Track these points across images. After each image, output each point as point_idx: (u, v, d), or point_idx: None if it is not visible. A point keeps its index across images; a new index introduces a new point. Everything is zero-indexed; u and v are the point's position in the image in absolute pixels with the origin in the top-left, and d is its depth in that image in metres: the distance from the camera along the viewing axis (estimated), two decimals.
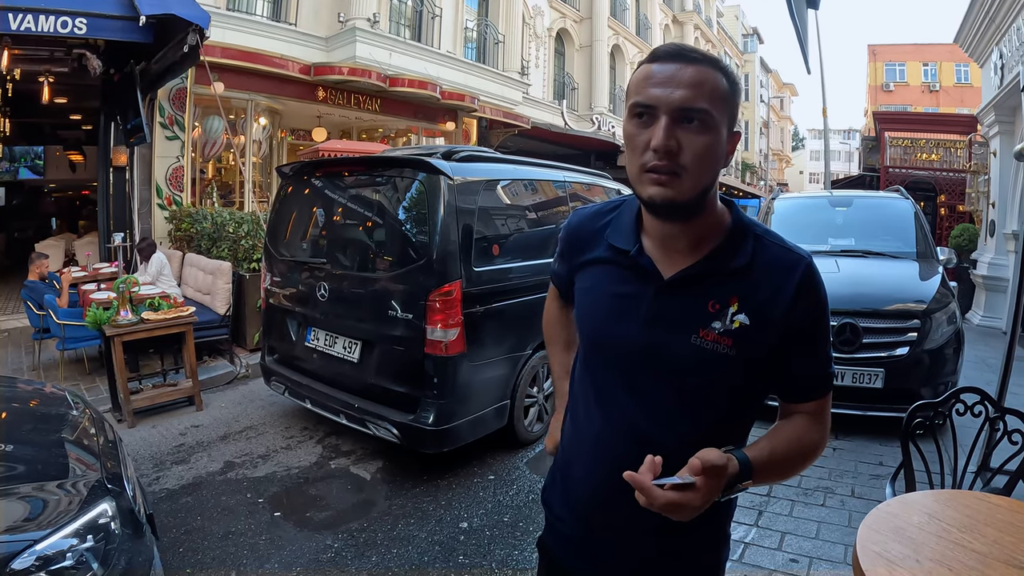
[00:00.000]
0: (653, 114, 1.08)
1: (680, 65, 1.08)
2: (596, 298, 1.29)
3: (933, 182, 14.58)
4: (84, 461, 2.43)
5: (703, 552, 1.32)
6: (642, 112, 1.10)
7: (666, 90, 1.07)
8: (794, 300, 1.15)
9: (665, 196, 1.09)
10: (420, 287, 3.97)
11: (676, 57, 1.09)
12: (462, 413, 4.10)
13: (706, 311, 1.17)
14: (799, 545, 3.40)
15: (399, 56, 12.66)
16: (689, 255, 1.19)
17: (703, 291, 1.18)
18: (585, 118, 21.19)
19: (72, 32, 6.05)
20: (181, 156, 9.83)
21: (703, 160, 1.09)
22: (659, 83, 1.08)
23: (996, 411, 2.54)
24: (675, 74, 1.08)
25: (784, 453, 1.18)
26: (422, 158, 4.18)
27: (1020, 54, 8.46)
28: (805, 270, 1.17)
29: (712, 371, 1.16)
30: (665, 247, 1.21)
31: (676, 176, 1.08)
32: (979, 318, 10.02)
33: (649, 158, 1.08)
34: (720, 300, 1.16)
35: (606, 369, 1.26)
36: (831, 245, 6.28)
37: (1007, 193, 9.88)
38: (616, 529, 1.28)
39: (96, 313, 5.12)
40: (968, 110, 20.27)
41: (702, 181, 1.11)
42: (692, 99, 1.06)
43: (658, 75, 1.09)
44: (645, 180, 1.11)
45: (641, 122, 1.10)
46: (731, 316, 1.15)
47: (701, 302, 1.17)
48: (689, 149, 1.07)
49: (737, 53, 40.24)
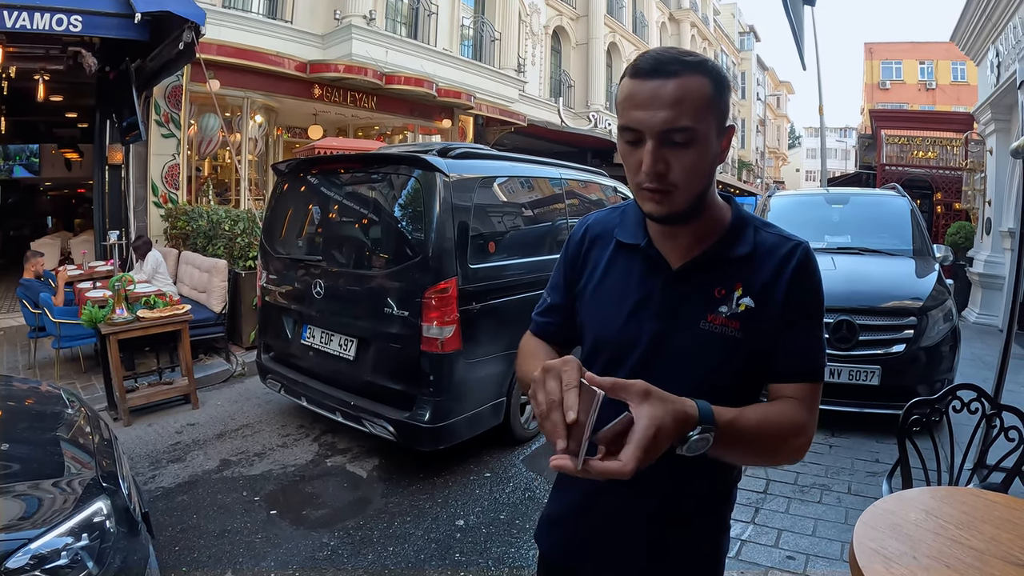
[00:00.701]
0: (639, 137, 1.10)
1: (660, 82, 1.07)
2: (606, 296, 1.31)
3: (929, 180, 14.61)
4: (79, 460, 2.42)
5: (703, 542, 1.32)
6: (628, 137, 1.12)
7: (648, 112, 1.08)
8: (792, 281, 1.19)
9: (661, 212, 1.14)
10: (416, 284, 3.96)
11: (655, 73, 1.08)
12: (458, 410, 4.09)
13: (713, 297, 1.20)
14: (796, 542, 3.41)
15: (395, 53, 12.64)
16: (694, 247, 1.23)
17: (708, 279, 1.21)
18: (581, 116, 21.19)
19: (67, 29, 6.03)
20: (177, 154, 9.80)
21: (693, 174, 1.11)
22: (640, 105, 1.08)
23: (992, 408, 2.55)
24: (656, 94, 1.07)
25: (759, 422, 1.12)
26: (418, 155, 4.17)
27: (1017, 52, 8.47)
28: (802, 254, 1.21)
29: (721, 355, 1.19)
30: (669, 241, 1.25)
31: (668, 194, 1.12)
32: (975, 316, 10.04)
33: (642, 179, 1.11)
34: (725, 286, 1.20)
35: (617, 365, 1.26)
36: (827, 242, 6.28)
37: (1003, 191, 9.88)
38: (617, 519, 1.29)
39: (92, 311, 5.10)
40: (964, 108, 20.32)
41: (695, 191, 1.14)
42: (674, 119, 1.06)
43: (639, 95, 1.09)
44: (642, 196, 1.15)
45: (630, 144, 1.13)
46: (736, 300, 1.19)
47: (708, 289, 1.21)
48: (678, 167, 1.09)
49: (734, 51, 40.26)
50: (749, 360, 1.21)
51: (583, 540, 1.35)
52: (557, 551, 1.42)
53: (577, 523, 1.37)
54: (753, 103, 43.30)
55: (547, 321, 1.45)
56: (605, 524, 1.32)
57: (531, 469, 4.40)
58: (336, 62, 11.48)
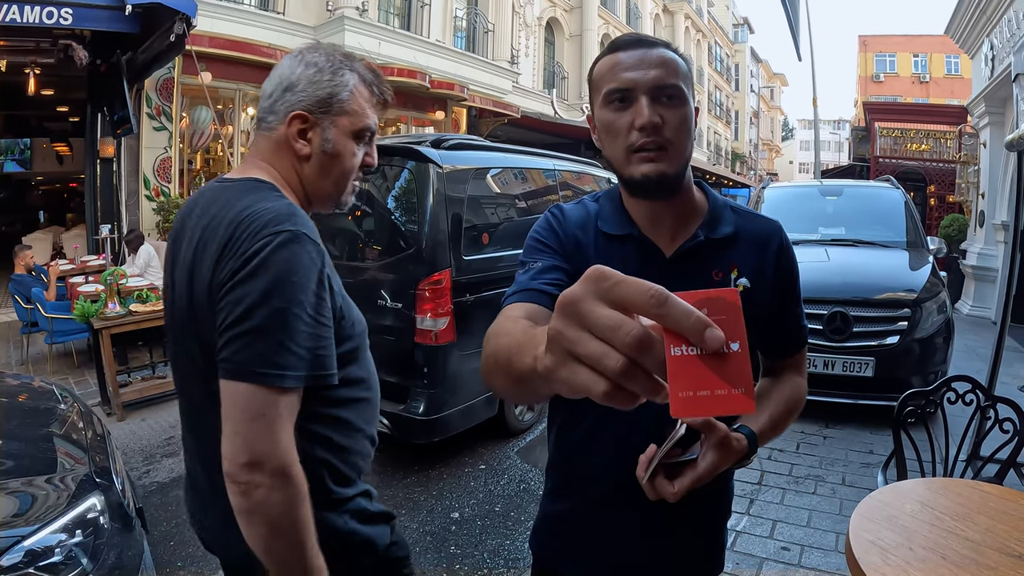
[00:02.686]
0: (631, 96, 1.13)
1: (644, 49, 1.15)
2: None
3: (923, 172, 14.66)
4: (72, 455, 2.40)
5: (705, 537, 1.34)
6: (620, 97, 1.14)
7: (639, 72, 1.12)
8: (777, 261, 1.26)
9: (657, 170, 1.13)
10: (409, 276, 3.95)
11: (639, 44, 1.16)
12: (452, 402, 4.09)
13: (712, 280, 1.22)
14: (791, 533, 3.42)
15: (388, 45, 12.58)
16: (680, 231, 1.23)
17: (704, 262, 1.22)
18: (575, 107, 21.12)
19: (58, 23, 5.99)
20: (169, 147, 9.74)
21: (683, 132, 1.15)
22: (630, 67, 1.13)
23: (987, 399, 2.56)
24: (644, 57, 1.13)
25: (781, 415, 1.24)
26: (411, 146, 4.16)
27: (1011, 45, 8.46)
28: (781, 235, 1.29)
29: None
30: (655, 228, 1.24)
31: (664, 150, 1.13)
32: (968, 308, 10.08)
33: (636, 138, 1.12)
34: (722, 268, 1.23)
35: None
36: (821, 234, 6.30)
37: (997, 184, 9.91)
38: (620, 529, 1.28)
39: (84, 306, 5.07)
40: (958, 101, 20.35)
41: (685, 153, 1.17)
42: (665, 76, 1.12)
43: (627, 61, 1.14)
44: (634, 160, 1.14)
45: (619, 107, 1.14)
46: (735, 281, 1.22)
47: (705, 272, 1.22)
48: (670, 123, 1.13)
49: (728, 43, 40.19)
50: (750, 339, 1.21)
51: (584, 549, 1.32)
52: (556, 559, 1.39)
53: (578, 532, 1.33)
54: (747, 95, 43.31)
55: (554, 278, 1.17)
56: (608, 534, 1.29)
57: (525, 461, 4.41)
58: None
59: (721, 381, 0.50)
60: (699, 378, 0.50)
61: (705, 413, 0.50)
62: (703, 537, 1.32)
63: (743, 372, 0.51)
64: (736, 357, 0.51)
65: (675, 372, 0.49)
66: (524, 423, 4.81)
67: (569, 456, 1.34)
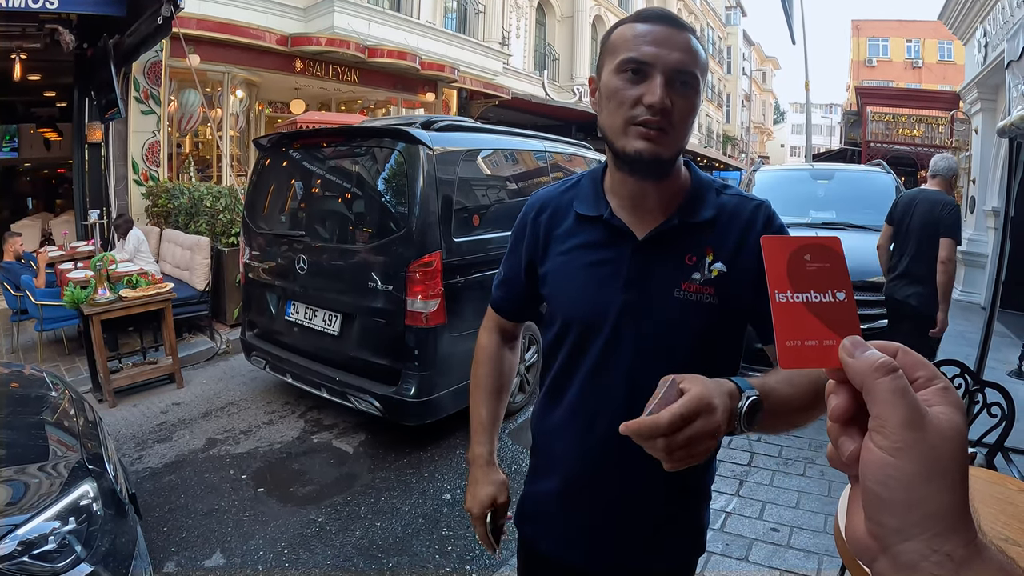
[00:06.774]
0: (647, 72, 1.11)
1: (673, 30, 1.12)
2: (571, 272, 1.27)
3: (914, 157, 14.69)
4: (64, 443, 2.40)
5: (685, 515, 1.33)
6: (635, 68, 1.11)
7: (663, 50, 1.10)
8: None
9: (653, 151, 1.12)
10: (400, 258, 3.94)
11: (667, 21, 1.14)
12: (444, 384, 4.09)
13: (684, 264, 1.20)
14: (780, 514, 3.46)
15: (378, 26, 12.43)
16: (659, 214, 1.22)
17: (678, 246, 1.21)
18: (566, 89, 21.02)
19: (44, 7, 5.91)
20: (157, 131, 9.62)
21: (688, 121, 1.14)
22: (654, 42, 1.11)
23: (975, 384, 2.58)
24: (670, 37, 1.11)
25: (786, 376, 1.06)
26: (401, 128, 4.13)
27: (1004, 32, 8.45)
28: (766, 213, 1.24)
29: (698, 322, 1.18)
30: (635, 208, 1.23)
31: (665, 133, 1.12)
32: (958, 293, 10.12)
33: (640, 112, 1.11)
34: (696, 252, 1.20)
35: (590, 341, 1.24)
36: (812, 217, 6.31)
37: (988, 170, 9.95)
38: (601, 506, 1.29)
39: (73, 292, 5.04)
40: (950, 87, 20.33)
41: (683, 140, 1.16)
42: (686, 63, 1.11)
43: (652, 34, 1.12)
44: (632, 134, 1.13)
45: (632, 77, 1.12)
46: (709, 266, 1.19)
47: (678, 257, 1.20)
48: (679, 109, 1.11)
49: (720, 25, 40.01)
50: (728, 324, 1.22)
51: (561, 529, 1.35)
52: (536, 538, 1.41)
53: (555, 511, 1.35)
54: (739, 78, 43.18)
55: (501, 296, 1.50)
56: (583, 514, 1.31)
57: (516, 442, 4.43)
58: (318, 35, 11.27)
59: (828, 331, 0.49)
60: (806, 327, 0.49)
61: (814, 364, 0.49)
62: (680, 522, 1.32)
63: (851, 321, 0.50)
64: (843, 307, 0.51)
65: (781, 320, 0.49)
66: (515, 404, 4.82)
67: (547, 437, 1.37)
